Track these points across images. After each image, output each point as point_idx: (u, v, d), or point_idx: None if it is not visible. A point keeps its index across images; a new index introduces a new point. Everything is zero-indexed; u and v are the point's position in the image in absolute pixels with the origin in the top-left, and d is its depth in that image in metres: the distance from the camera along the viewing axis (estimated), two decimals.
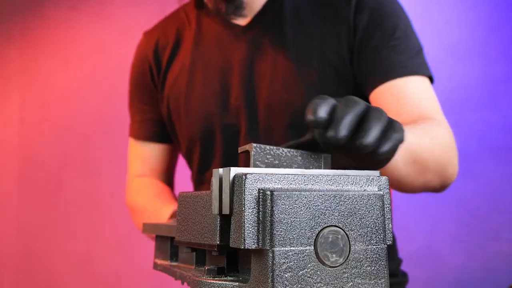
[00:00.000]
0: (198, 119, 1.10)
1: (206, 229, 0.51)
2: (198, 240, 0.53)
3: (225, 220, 0.49)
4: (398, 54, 1.00)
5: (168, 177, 1.25)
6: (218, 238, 0.49)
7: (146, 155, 1.22)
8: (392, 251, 1.16)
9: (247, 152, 0.51)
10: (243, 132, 1.06)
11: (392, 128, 0.56)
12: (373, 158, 0.56)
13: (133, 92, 1.23)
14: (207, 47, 1.12)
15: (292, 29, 1.05)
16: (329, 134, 0.52)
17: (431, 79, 1.02)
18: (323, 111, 0.52)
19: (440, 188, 0.95)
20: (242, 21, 1.09)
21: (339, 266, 0.47)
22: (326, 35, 1.03)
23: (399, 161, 0.80)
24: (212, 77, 1.10)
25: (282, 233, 0.45)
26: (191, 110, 1.11)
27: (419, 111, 0.96)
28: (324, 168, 0.59)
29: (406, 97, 0.97)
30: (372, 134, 0.53)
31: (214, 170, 0.49)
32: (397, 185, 0.88)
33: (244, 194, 0.46)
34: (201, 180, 1.16)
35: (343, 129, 0.52)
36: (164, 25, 1.21)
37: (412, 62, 1.00)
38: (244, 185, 0.46)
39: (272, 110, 1.03)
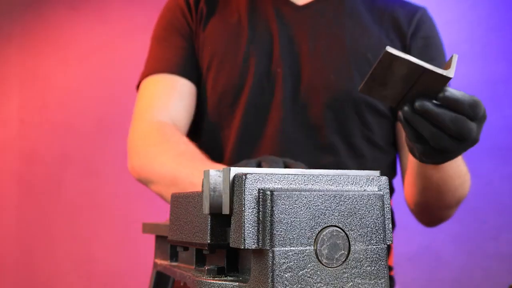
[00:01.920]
0: (234, 70, 1.06)
1: (197, 228, 0.52)
2: (189, 239, 0.54)
3: (216, 219, 0.50)
4: None
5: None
6: (208, 237, 0.50)
7: (173, 91, 1.06)
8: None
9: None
10: (276, 100, 1.05)
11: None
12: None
13: (164, 31, 1.12)
14: (260, 14, 1.11)
15: (350, 22, 1.10)
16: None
17: None
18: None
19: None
20: (300, 1, 1.12)
21: (339, 266, 0.47)
22: (383, 37, 1.09)
23: (451, 168, 0.94)
24: (259, 39, 1.08)
25: (282, 233, 0.45)
26: (228, 60, 1.07)
27: None
28: None
29: None
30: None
31: (205, 171, 0.49)
32: (437, 191, 1.00)
33: (244, 194, 0.46)
34: (213, 144, 1.08)
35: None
36: None
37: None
38: (244, 185, 0.46)
39: (314, 87, 1.05)
